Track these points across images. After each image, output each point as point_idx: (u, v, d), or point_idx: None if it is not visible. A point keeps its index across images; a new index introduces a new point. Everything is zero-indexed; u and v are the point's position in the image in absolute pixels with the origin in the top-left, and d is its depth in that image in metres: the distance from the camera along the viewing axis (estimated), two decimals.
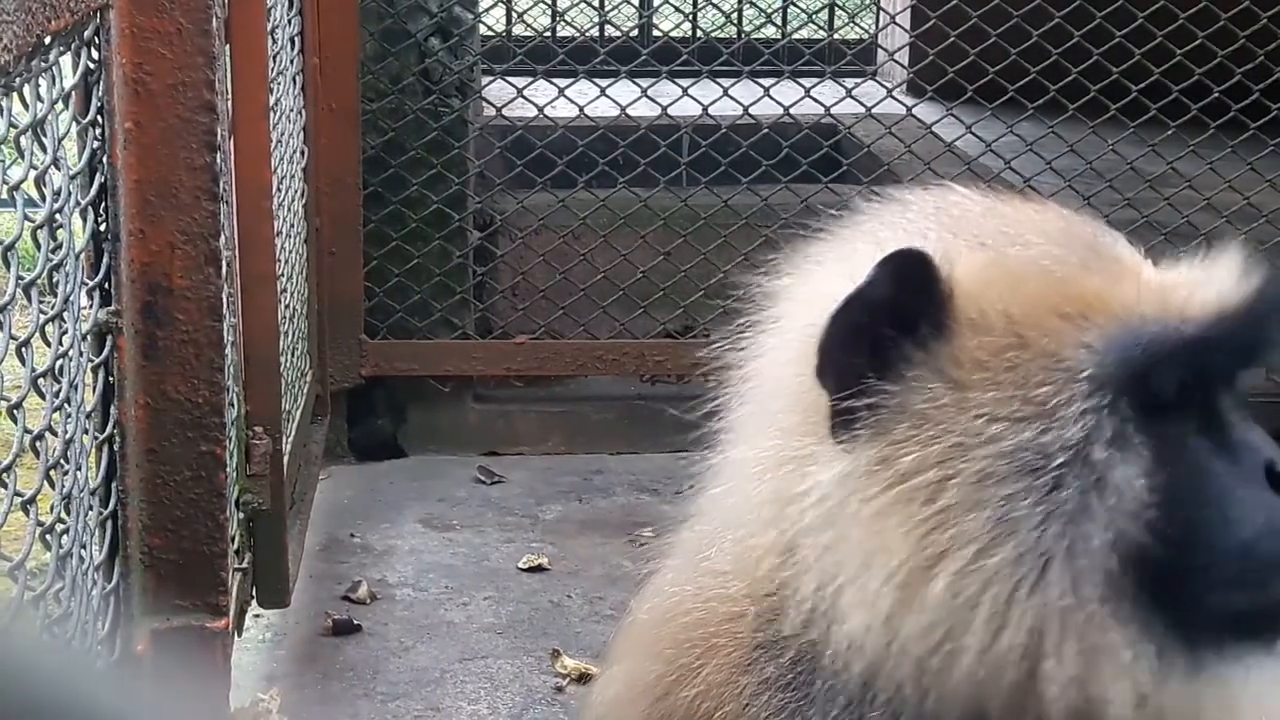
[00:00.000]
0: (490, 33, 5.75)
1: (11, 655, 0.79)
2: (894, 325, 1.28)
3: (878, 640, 1.26)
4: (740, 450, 1.38)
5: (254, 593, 3.19)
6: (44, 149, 2.08)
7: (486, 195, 4.80)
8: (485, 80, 5.01)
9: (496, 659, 3.60)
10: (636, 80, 4.86)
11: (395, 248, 4.56)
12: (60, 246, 2.15)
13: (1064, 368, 1.27)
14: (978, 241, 1.34)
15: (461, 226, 4.65)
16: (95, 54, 2.31)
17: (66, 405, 2.16)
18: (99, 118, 2.32)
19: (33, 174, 2.05)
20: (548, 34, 6.08)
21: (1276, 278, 1.30)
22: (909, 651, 1.26)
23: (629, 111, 4.77)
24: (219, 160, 2.44)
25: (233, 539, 2.68)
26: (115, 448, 2.41)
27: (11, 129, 1.98)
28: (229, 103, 2.70)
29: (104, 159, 2.33)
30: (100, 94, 2.32)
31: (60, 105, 2.17)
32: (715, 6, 6.22)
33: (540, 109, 4.71)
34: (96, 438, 2.35)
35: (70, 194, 2.18)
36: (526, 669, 3.56)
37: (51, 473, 2.10)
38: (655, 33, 7.51)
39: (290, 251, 3.73)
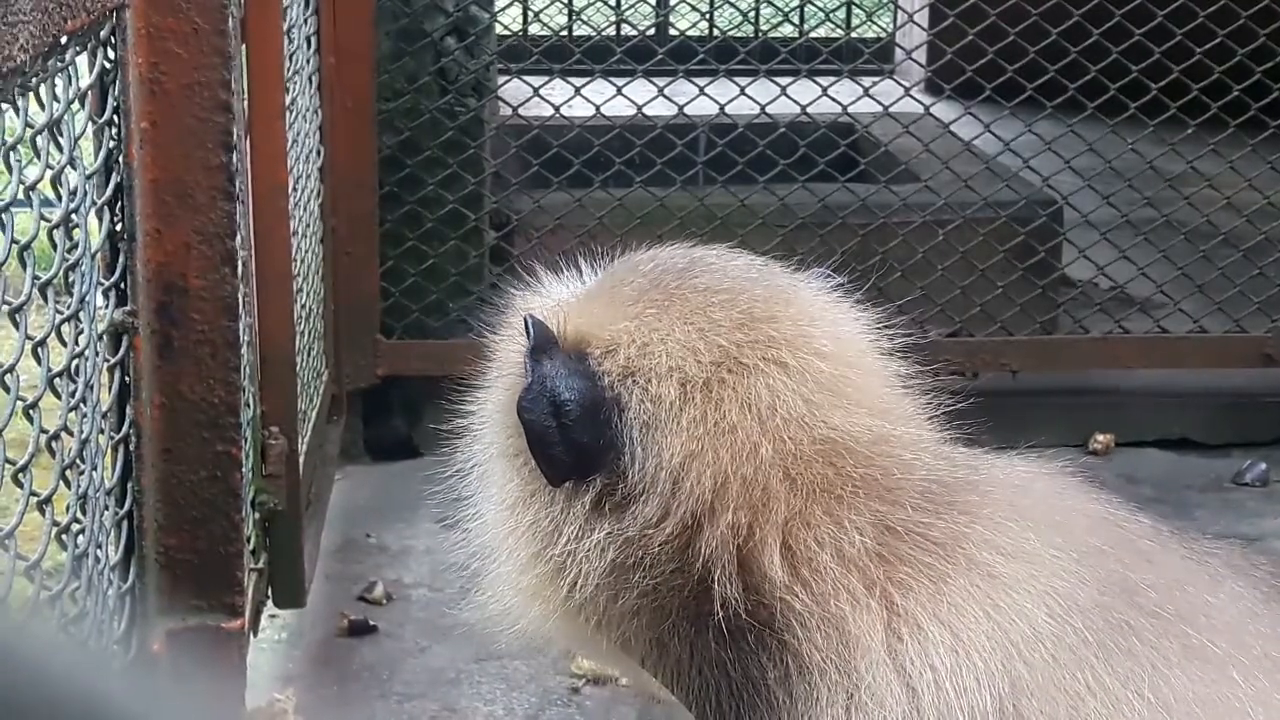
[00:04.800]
0: (506, 32, 5.75)
1: (28, 655, 0.79)
2: None
3: None
4: None
5: (269, 593, 3.18)
6: (60, 149, 2.08)
7: (503, 195, 4.79)
8: (501, 79, 5.00)
9: (512, 660, 3.59)
10: (653, 79, 4.85)
11: (411, 247, 4.56)
12: (76, 246, 2.14)
13: None
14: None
15: (477, 226, 4.64)
16: (111, 54, 2.31)
17: (82, 405, 2.16)
18: (115, 117, 2.31)
19: (49, 174, 2.05)
20: (564, 33, 6.07)
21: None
22: None
23: (645, 111, 4.76)
24: (235, 160, 2.44)
25: (248, 539, 2.68)
26: (131, 447, 2.40)
27: (28, 129, 1.98)
28: (245, 102, 2.70)
29: (120, 159, 2.33)
30: (116, 94, 2.31)
31: (76, 105, 2.17)
32: (732, 5, 6.22)
33: (556, 108, 4.70)
34: (112, 437, 2.34)
35: (86, 194, 2.18)
36: (542, 670, 3.55)
37: (67, 472, 2.10)
38: (672, 31, 7.50)
39: (306, 251, 3.73)
